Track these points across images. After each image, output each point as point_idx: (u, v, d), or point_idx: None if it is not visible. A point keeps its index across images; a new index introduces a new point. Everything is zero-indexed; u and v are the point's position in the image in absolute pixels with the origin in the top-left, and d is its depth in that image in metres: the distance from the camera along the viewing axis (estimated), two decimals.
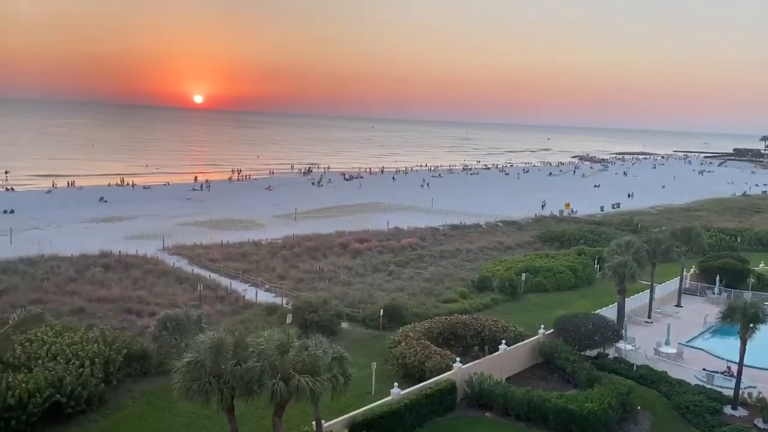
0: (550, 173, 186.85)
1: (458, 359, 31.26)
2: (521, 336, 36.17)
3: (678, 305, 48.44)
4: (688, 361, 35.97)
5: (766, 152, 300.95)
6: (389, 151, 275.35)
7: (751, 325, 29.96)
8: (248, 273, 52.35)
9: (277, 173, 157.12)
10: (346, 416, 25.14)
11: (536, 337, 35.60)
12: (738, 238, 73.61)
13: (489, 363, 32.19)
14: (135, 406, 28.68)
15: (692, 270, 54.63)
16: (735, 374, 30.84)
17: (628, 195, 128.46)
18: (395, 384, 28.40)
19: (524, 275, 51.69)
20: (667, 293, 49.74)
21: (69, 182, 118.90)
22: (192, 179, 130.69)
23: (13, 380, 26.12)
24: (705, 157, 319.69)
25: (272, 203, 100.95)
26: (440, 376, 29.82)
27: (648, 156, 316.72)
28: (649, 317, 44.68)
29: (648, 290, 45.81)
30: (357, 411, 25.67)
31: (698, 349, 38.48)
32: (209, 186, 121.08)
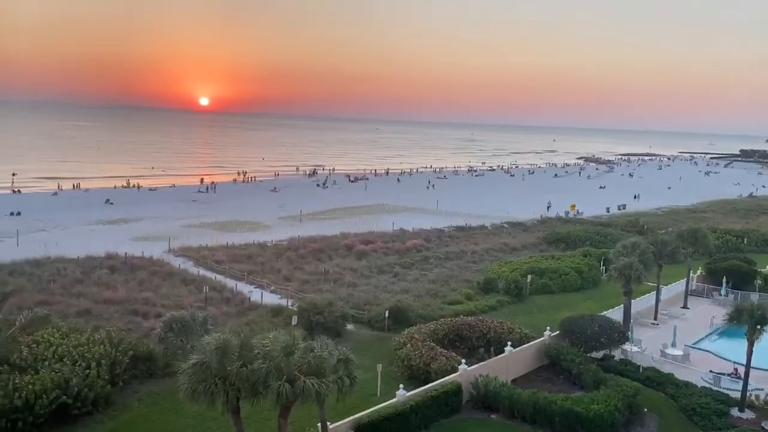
0: (556, 174, 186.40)
1: (464, 361, 31.21)
2: (527, 338, 36.14)
3: (684, 307, 48.26)
4: (695, 363, 35.84)
5: None
6: (394, 153, 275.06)
7: (758, 327, 29.86)
8: (254, 275, 52.44)
9: (282, 175, 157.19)
10: (352, 418, 25.16)
11: (542, 339, 35.52)
12: (745, 240, 73.33)
13: (494, 365, 32.14)
14: (141, 408, 28.77)
15: (699, 271, 54.42)
16: (742, 376, 30.72)
17: (634, 196, 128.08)
18: (401, 386, 28.42)
19: (530, 277, 51.60)
20: (674, 295, 49.54)
21: (74, 184, 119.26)
22: (197, 181, 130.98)
23: (20, 381, 26.25)
24: (711, 158, 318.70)
25: (277, 205, 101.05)
26: (446, 378, 29.79)
27: (654, 157, 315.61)
28: (656, 319, 44.54)
29: (654, 292, 45.63)
30: (362, 413, 25.68)
31: (705, 351, 38.35)
32: (215, 188, 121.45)
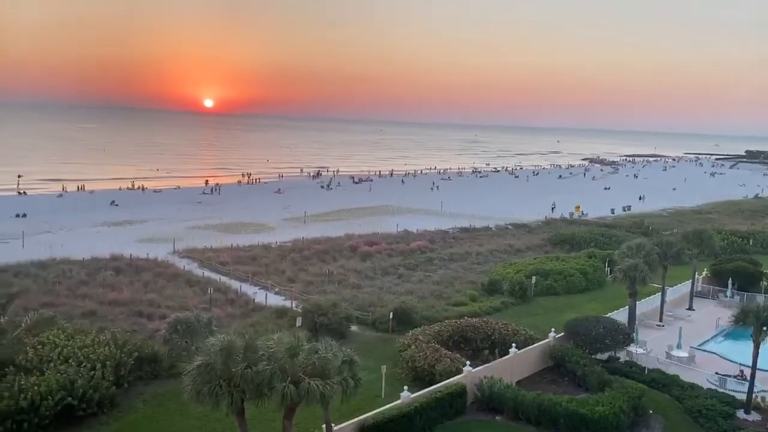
0: (560, 176, 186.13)
1: (468, 363, 31.17)
2: (531, 339, 36.06)
3: (690, 308, 48.07)
4: (701, 365, 35.70)
5: None
6: (398, 154, 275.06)
7: (765, 329, 29.67)
8: (258, 276, 52.50)
9: (287, 177, 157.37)
10: (356, 419, 25.13)
11: (547, 341, 35.43)
12: (750, 241, 73.01)
13: (499, 366, 32.08)
14: (146, 409, 28.82)
15: (704, 273, 54.24)
16: (748, 378, 30.61)
17: (639, 197, 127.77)
18: (405, 387, 28.36)
19: (534, 278, 51.52)
20: (679, 296, 49.40)
21: (79, 186, 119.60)
22: (202, 183, 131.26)
23: (26, 383, 26.34)
24: (716, 159, 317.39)
25: (282, 206, 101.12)
26: (450, 380, 29.74)
27: (659, 158, 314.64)
28: (661, 320, 44.37)
29: (659, 293, 45.49)
30: (367, 414, 25.65)
31: (710, 353, 38.16)
32: (219, 189, 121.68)
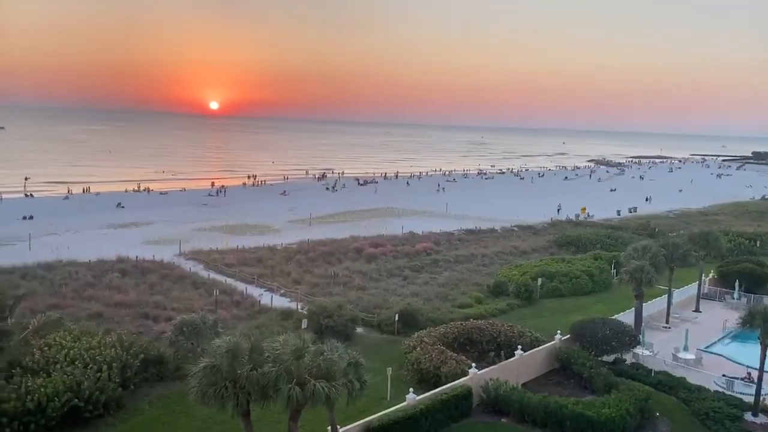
0: (566, 177, 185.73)
1: (474, 365, 31.12)
2: (537, 341, 35.97)
3: (696, 310, 47.88)
4: (707, 367, 35.55)
5: None
6: (404, 156, 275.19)
7: None
8: (263, 278, 52.57)
9: (292, 178, 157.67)
10: (362, 421, 25.13)
11: (552, 343, 35.35)
12: (757, 243, 72.68)
13: (505, 368, 32.00)
14: (152, 411, 28.88)
15: (711, 275, 53.99)
16: (755, 380, 30.42)
17: (646, 199, 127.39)
18: (410, 389, 28.34)
19: (540, 280, 51.41)
20: (686, 298, 49.19)
21: (84, 188, 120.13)
22: (208, 185, 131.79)
23: (32, 384, 26.44)
24: (723, 161, 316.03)
25: (287, 208, 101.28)
26: (456, 382, 29.69)
27: (665, 159, 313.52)
28: (667, 322, 44.20)
29: (666, 295, 45.32)
30: (372, 416, 25.64)
31: (717, 355, 38.01)
32: (225, 191, 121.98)
